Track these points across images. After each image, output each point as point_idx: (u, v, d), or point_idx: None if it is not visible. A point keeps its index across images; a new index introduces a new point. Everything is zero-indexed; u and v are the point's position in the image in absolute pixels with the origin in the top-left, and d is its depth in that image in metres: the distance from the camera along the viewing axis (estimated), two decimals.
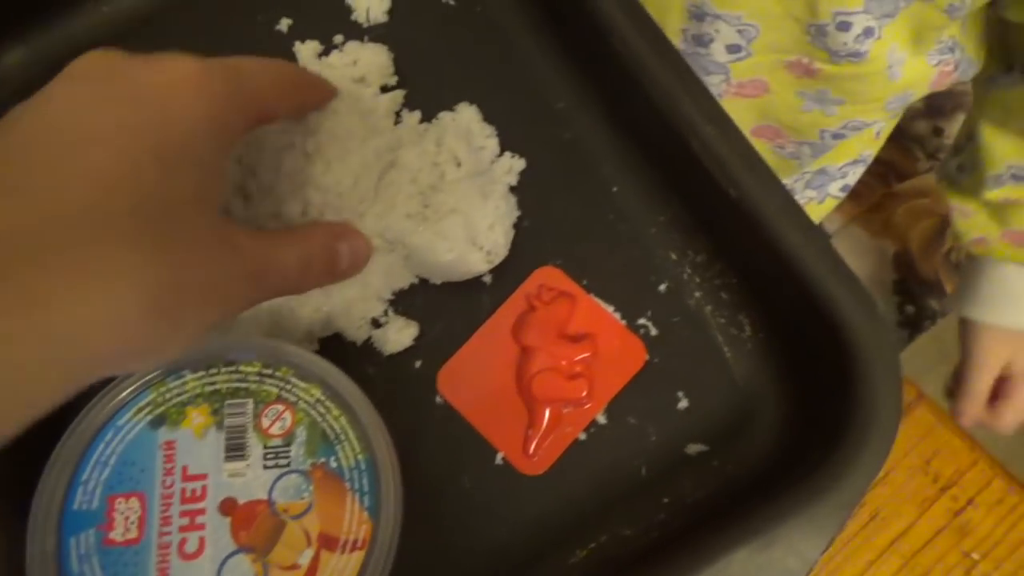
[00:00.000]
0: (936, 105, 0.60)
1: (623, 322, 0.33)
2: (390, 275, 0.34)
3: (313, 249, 0.26)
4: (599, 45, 0.33)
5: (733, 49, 0.41)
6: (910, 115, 0.48)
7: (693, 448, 0.31)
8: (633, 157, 0.34)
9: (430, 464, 0.31)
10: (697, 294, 0.33)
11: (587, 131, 0.35)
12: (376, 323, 0.34)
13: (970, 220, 0.47)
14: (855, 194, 0.63)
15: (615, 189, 0.35)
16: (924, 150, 0.63)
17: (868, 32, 0.38)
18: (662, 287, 0.33)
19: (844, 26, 0.37)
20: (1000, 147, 0.43)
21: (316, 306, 0.33)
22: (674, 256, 0.33)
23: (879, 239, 0.64)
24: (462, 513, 0.31)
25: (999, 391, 0.47)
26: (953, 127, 0.60)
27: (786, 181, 0.49)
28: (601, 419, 0.32)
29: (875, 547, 0.31)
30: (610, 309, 0.33)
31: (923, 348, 1.07)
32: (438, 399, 0.33)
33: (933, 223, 0.62)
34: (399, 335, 0.33)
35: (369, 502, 0.27)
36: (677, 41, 0.42)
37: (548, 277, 0.33)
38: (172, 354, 0.21)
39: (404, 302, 0.34)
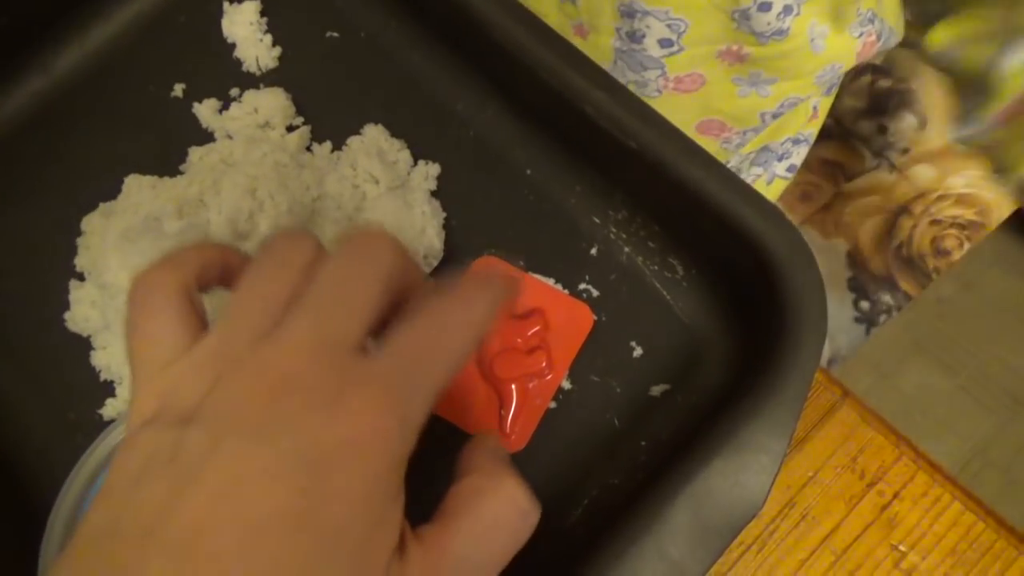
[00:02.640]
0: (879, 104, 0.63)
1: (566, 291, 0.34)
2: None
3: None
4: (482, 43, 0.35)
5: (665, 43, 0.43)
6: (854, 115, 0.51)
7: (656, 389, 0.33)
8: (539, 138, 0.36)
9: (414, 467, 0.32)
10: (627, 249, 0.35)
11: (490, 125, 0.37)
12: None
13: None
14: (806, 196, 0.66)
15: (529, 172, 0.36)
16: (870, 148, 0.67)
17: (787, 10, 0.40)
18: (593, 251, 0.35)
19: (765, 7, 0.40)
20: None
21: None
22: (597, 220, 0.35)
23: (831, 239, 0.66)
24: None
25: None
26: (897, 124, 0.63)
27: (730, 163, 0.52)
28: (566, 385, 0.33)
29: (807, 546, 0.33)
30: (551, 282, 0.34)
31: (892, 341, 1.12)
32: None
33: (882, 219, 0.65)
34: None
35: None
36: (612, 39, 0.44)
37: (487, 266, 0.35)
38: None
39: None
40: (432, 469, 0.29)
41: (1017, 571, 0.33)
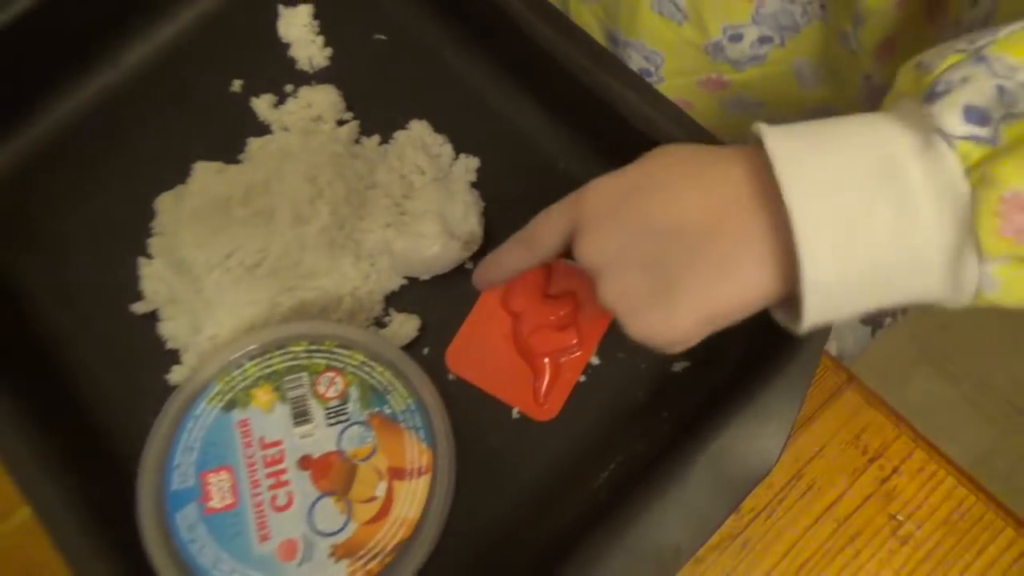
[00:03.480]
0: None
1: None
2: (381, 280, 0.38)
3: None
4: (520, 45, 0.38)
5: (645, 73, 0.45)
6: None
7: (678, 366, 0.36)
8: (569, 133, 0.39)
9: (457, 432, 0.35)
10: None
11: (525, 121, 0.40)
12: (380, 323, 0.38)
13: None
14: None
15: (560, 165, 0.40)
16: None
17: (764, 39, 0.41)
18: None
19: (736, 38, 0.42)
20: None
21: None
22: None
23: None
24: (494, 465, 0.35)
25: None
26: None
27: None
28: (595, 360, 0.36)
29: (812, 513, 0.36)
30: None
31: (897, 350, 1.15)
32: (451, 376, 0.37)
33: None
34: (403, 328, 0.37)
35: (425, 435, 0.31)
36: None
37: None
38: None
39: (401, 301, 0.38)
40: (463, 433, 0.33)
41: (1004, 540, 0.36)
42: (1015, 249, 0.20)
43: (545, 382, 0.36)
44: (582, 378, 0.36)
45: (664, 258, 0.25)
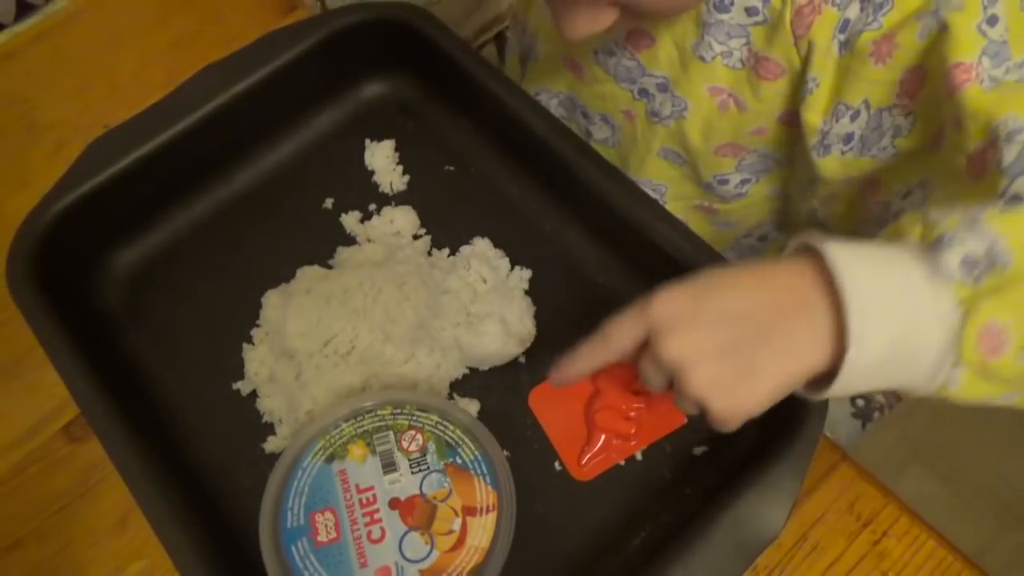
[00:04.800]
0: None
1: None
2: (449, 369, 0.45)
3: None
4: (568, 181, 0.47)
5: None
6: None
7: (698, 450, 0.43)
8: (609, 253, 0.47)
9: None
10: None
11: (571, 241, 0.49)
12: None
13: None
14: None
15: (600, 279, 0.48)
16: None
17: (745, 182, 0.51)
18: None
19: (723, 182, 0.52)
20: None
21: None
22: None
23: None
24: (541, 528, 0.41)
25: None
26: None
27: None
28: (638, 456, 0.43)
29: (817, 570, 0.41)
30: None
31: (891, 447, 1.20)
32: (506, 454, 0.43)
33: None
34: (466, 410, 0.44)
35: (490, 480, 0.38)
36: None
37: None
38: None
39: (463, 387, 0.45)
40: (527, 497, 0.39)
41: None
42: (983, 362, 0.28)
43: (592, 452, 0.42)
44: (622, 462, 0.43)
45: (741, 343, 0.30)
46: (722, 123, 0.47)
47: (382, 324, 0.43)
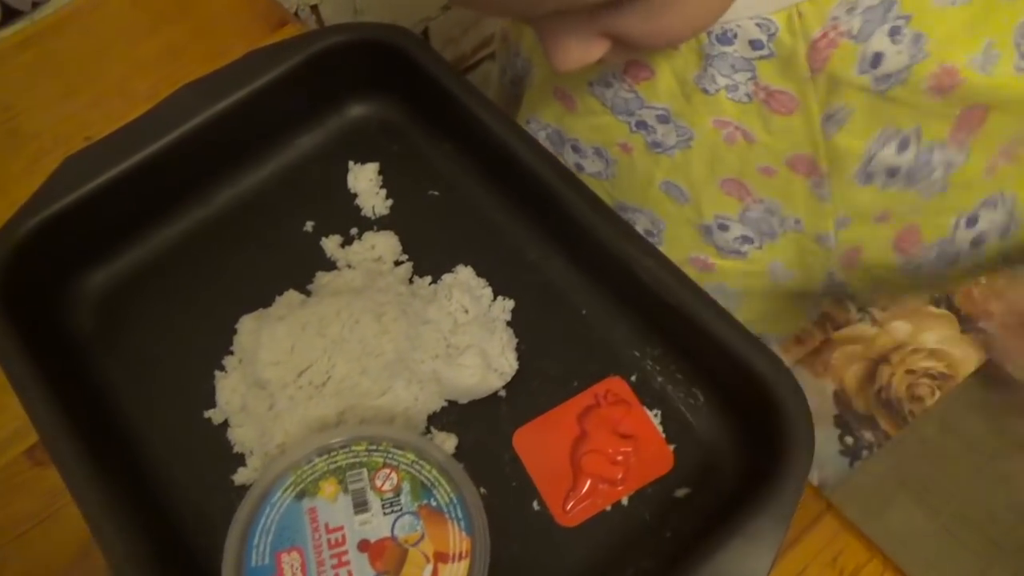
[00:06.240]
0: None
1: (663, 435, 0.43)
2: (427, 402, 0.44)
3: None
4: (552, 210, 0.46)
5: (649, 234, 0.53)
6: None
7: (680, 492, 0.42)
8: (594, 287, 0.46)
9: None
10: (659, 379, 0.44)
11: (556, 272, 0.48)
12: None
13: None
14: (800, 341, 0.77)
15: (584, 311, 0.47)
16: (856, 303, 0.77)
17: (746, 239, 0.49)
18: (632, 378, 0.44)
19: (723, 227, 0.49)
20: None
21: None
22: (637, 353, 0.45)
23: (821, 379, 0.75)
24: (517, 571, 0.40)
25: None
26: None
27: None
28: (624, 501, 0.42)
29: None
30: (656, 419, 0.43)
31: (879, 479, 1.20)
32: (482, 491, 0.42)
33: (864, 366, 0.75)
34: (444, 445, 0.43)
35: (465, 526, 0.36)
36: None
37: (615, 385, 0.44)
38: None
39: (441, 420, 0.44)
40: (504, 537, 0.38)
41: None
42: None
43: (577, 498, 0.41)
44: (608, 507, 0.41)
45: None
46: (729, 155, 0.46)
47: (359, 356, 0.42)
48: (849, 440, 0.72)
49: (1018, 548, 1.19)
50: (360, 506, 0.37)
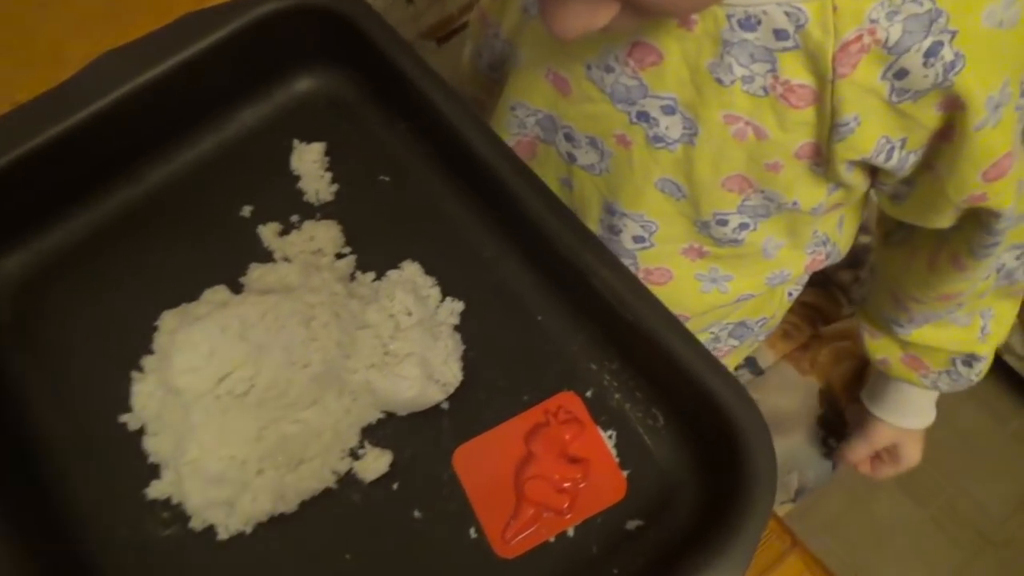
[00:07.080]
0: (857, 256, 0.70)
1: (616, 455, 0.39)
2: (360, 414, 0.40)
3: None
4: (511, 209, 0.41)
5: (638, 239, 0.49)
6: (835, 266, 0.57)
7: (631, 524, 0.38)
8: (550, 291, 0.42)
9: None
10: (617, 396, 0.41)
11: (511, 273, 0.43)
12: (355, 455, 0.40)
13: (877, 342, 0.57)
14: (787, 335, 0.73)
15: (539, 318, 0.42)
16: (847, 297, 0.73)
17: (743, 226, 0.46)
18: (588, 393, 0.41)
19: (722, 222, 0.46)
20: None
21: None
22: (594, 366, 0.41)
23: (807, 376, 0.71)
24: None
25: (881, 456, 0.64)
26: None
27: (713, 328, 0.58)
28: (570, 532, 0.38)
29: None
30: (610, 441, 0.39)
31: (863, 477, 1.18)
32: (417, 514, 0.39)
33: (854, 365, 0.71)
34: (376, 463, 0.39)
35: None
36: (596, 228, 0.50)
37: (568, 402, 0.40)
38: None
39: (376, 434, 0.40)
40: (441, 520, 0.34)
41: None
42: None
43: (518, 526, 0.37)
44: (552, 539, 0.38)
45: None
46: (736, 151, 0.42)
47: (284, 365, 0.38)
48: (833, 442, 0.68)
49: (1007, 541, 1.17)
50: None
